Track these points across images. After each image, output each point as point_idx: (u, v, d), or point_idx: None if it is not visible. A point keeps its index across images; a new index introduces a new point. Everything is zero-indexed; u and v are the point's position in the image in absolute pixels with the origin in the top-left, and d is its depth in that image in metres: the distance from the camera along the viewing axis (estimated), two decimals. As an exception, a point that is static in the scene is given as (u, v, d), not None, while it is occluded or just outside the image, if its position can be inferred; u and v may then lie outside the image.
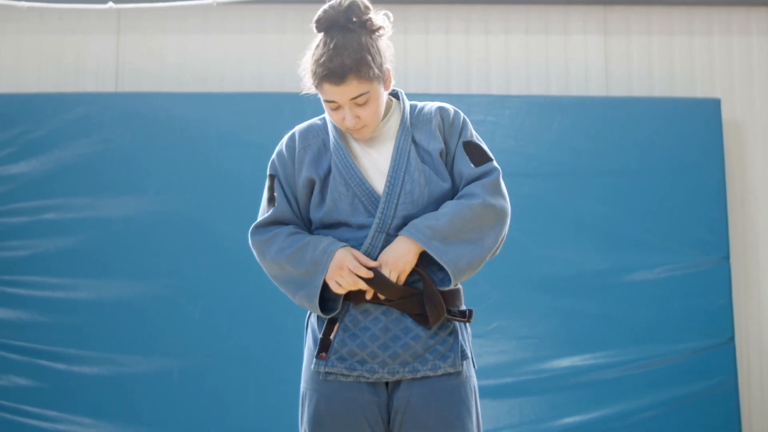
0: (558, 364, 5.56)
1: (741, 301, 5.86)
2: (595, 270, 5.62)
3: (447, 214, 2.51)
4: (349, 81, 2.46)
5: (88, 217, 5.59)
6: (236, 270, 5.40)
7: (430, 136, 2.62)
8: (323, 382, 2.55)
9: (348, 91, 2.47)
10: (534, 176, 5.70)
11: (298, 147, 2.66)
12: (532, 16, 6.16)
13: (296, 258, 2.56)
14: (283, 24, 6.04)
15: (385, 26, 2.57)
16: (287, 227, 2.62)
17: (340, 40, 2.47)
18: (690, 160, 5.74)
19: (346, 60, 2.44)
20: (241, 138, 5.62)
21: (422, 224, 2.51)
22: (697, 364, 5.53)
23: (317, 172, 2.61)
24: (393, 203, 2.54)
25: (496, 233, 2.56)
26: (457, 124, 2.66)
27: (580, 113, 5.81)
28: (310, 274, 2.55)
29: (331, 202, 2.57)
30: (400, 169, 2.56)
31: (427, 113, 2.67)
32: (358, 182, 2.56)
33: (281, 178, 2.66)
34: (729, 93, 6.08)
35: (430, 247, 2.48)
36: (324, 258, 2.52)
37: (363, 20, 2.52)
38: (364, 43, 2.49)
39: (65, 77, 6.03)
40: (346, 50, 2.45)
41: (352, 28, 2.50)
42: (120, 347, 5.48)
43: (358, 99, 2.49)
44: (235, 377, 5.44)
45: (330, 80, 2.46)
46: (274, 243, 2.60)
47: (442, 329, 2.57)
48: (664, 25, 6.16)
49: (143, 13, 6.03)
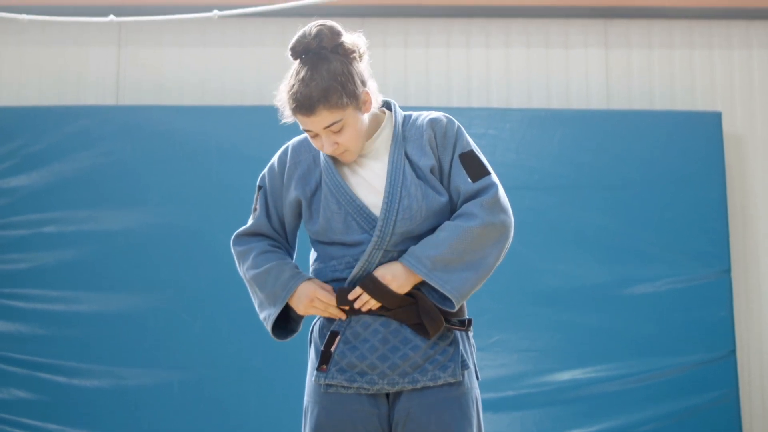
0: (559, 377, 5.54)
1: (742, 314, 5.85)
2: (596, 283, 5.61)
3: (446, 240, 2.48)
4: (319, 112, 2.45)
5: (88, 230, 5.59)
6: (236, 282, 5.33)
7: (421, 151, 2.59)
8: (324, 394, 2.55)
9: (319, 121, 2.46)
10: (535, 189, 5.70)
11: (290, 162, 2.67)
12: (533, 30, 6.17)
13: (260, 281, 2.63)
14: (282, 37, 6.03)
15: (357, 49, 2.53)
16: (262, 243, 2.68)
17: (309, 71, 2.46)
18: (691, 173, 5.74)
19: (313, 92, 2.43)
20: (240, 151, 5.62)
21: (422, 254, 2.48)
22: (698, 377, 5.52)
23: (304, 191, 2.62)
24: (392, 219, 2.52)
25: (498, 250, 2.53)
26: (451, 136, 2.61)
27: (581, 126, 5.82)
28: (270, 303, 2.62)
29: (324, 220, 2.57)
30: (396, 185, 2.54)
31: (419, 126, 2.64)
32: (349, 200, 2.55)
33: (267, 191, 2.70)
34: (730, 106, 6.08)
35: (432, 278, 2.47)
36: (283, 293, 2.58)
37: (335, 45, 2.50)
38: (334, 70, 2.46)
39: (66, 90, 6.03)
40: (314, 80, 2.44)
41: (324, 55, 2.48)
42: (120, 360, 5.47)
43: (332, 127, 2.48)
44: (235, 389, 5.43)
45: (300, 112, 2.47)
46: (247, 258, 2.67)
47: (442, 339, 2.56)
48: (665, 39, 6.16)
49: (144, 27, 6.04)
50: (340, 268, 2.59)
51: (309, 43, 2.48)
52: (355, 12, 5.99)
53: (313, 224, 2.61)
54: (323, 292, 2.53)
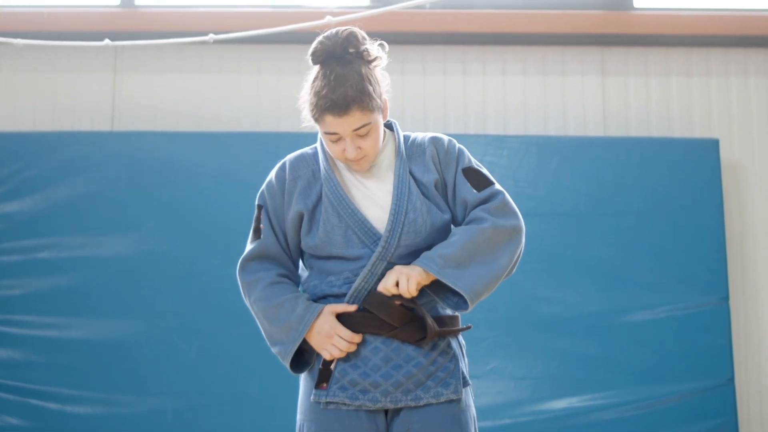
0: (556, 405, 5.51)
1: (741, 342, 5.83)
2: (593, 310, 5.59)
3: (458, 240, 2.50)
4: (353, 112, 2.43)
5: (82, 256, 5.57)
6: (231, 310, 5.34)
7: (424, 167, 2.61)
8: (322, 411, 2.52)
9: (351, 122, 2.45)
10: (532, 216, 5.65)
11: (289, 178, 2.64)
12: (530, 57, 6.17)
13: (271, 316, 2.57)
14: (278, 64, 6.05)
15: (381, 56, 2.55)
16: (270, 273, 2.61)
17: (340, 71, 2.45)
18: (688, 200, 5.73)
19: (348, 91, 2.42)
20: (236, 177, 5.61)
21: (434, 253, 2.49)
22: (696, 405, 5.49)
23: (306, 204, 2.59)
24: (397, 232, 2.51)
25: (511, 250, 2.55)
26: (453, 152, 2.65)
27: (578, 154, 5.81)
28: (285, 337, 2.55)
29: (324, 234, 2.55)
30: (402, 198, 2.54)
31: (421, 144, 2.66)
32: (351, 213, 2.54)
33: (269, 209, 2.65)
34: (727, 134, 6.08)
35: (444, 275, 2.46)
36: (300, 326, 2.52)
37: (360, 51, 2.50)
38: (364, 74, 2.47)
39: (60, 116, 6.02)
40: (348, 81, 2.43)
41: (349, 59, 2.48)
42: (114, 387, 5.43)
43: (361, 130, 2.47)
44: (231, 417, 5.40)
45: (333, 112, 2.43)
46: (255, 289, 2.61)
47: (443, 355, 2.56)
48: (662, 66, 6.17)
49: (139, 53, 6.04)
50: (338, 283, 2.57)
51: (334, 47, 2.48)
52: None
53: (312, 238, 2.58)
54: (343, 329, 2.49)
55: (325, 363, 2.54)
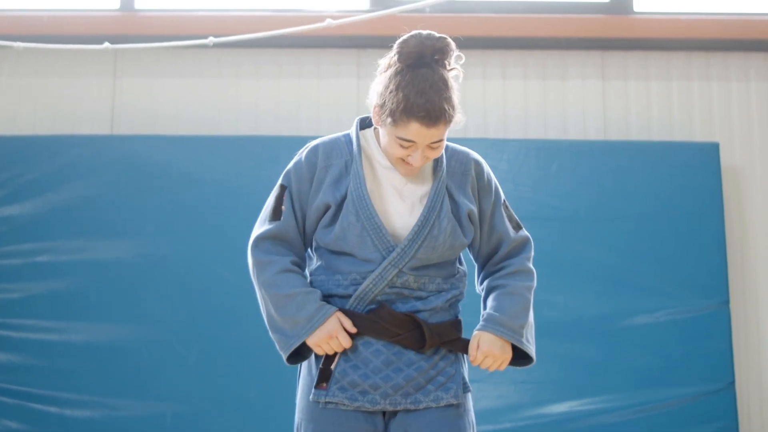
0: (557, 408, 5.51)
1: (741, 346, 5.82)
2: (594, 314, 5.58)
3: (525, 306, 2.61)
4: (440, 126, 2.41)
5: (82, 260, 5.56)
6: (231, 314, 5.37)
7: (462, 192, 2.60)
8: (321, 411, 2.51)
9: (435, 134, 2.42)
10: (532, 220, 5.62)
11: (321, 164, 2.58)
12: (530, 61, 6.17)
13: (279, 304, 2.51)
14: (278, 68, 6.05)
15: (458, 68, 2.52)
16: (284, 259, 2.54)
17: (431, 79, 2.41)
18: (689, 204, 5.72)
19: (444, 104, 2.40)
20: (236, 181, 5.60)
21: (514, 323, 2.57)
22: (697, 409, 5.48)
23: (335, 196, 2.54)
24: (417, 244, 2.50)
25: None
26: (491, 182, 2.69)
27: (579, 157, 5.80)
28: (290, 330, 2.51)
29: (341, 230, 2.51)
30: (433, 213, 2.52)
31: (462, 163, 2.65)
32: (368, 216, 2.49)
33: (293, 192, 2.58)
34: (728, 137, 6.07)
35: (524, 345, 2.59)
36: (308, 325, 2.48)
37: (444, 60, 2.47)
38: (450, 86, 2.45)
39: (60, 119, 6.01)
40: (440, 93, 2.40)
41: (435, 67, 2.45)
42: (113, 391, 5.42)
43: (437, 143, 2.45)
44: (229, 421, 5.39)
45: (423, 121, 2.39)
46: (266, 272, 2.53)
47: (444, 360, 2.55)
48: (663, 70, 6.16)
49: (139, 57, 6.03)
50: (345, 284, 2.54)
51: (424, 50, 2.43)
52: (354, 43, 5.95)
53: (329, 233, 2.54)
54: (345, 336, 2.48)
55: (325, 363, 2.52)
